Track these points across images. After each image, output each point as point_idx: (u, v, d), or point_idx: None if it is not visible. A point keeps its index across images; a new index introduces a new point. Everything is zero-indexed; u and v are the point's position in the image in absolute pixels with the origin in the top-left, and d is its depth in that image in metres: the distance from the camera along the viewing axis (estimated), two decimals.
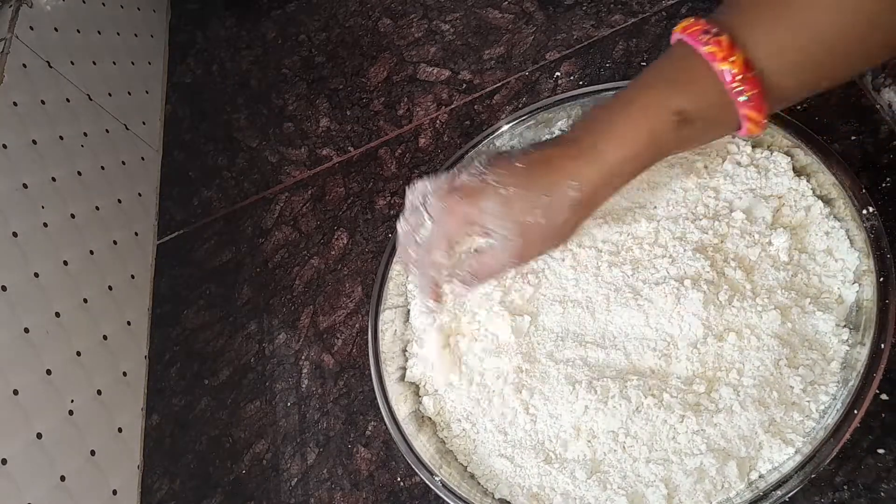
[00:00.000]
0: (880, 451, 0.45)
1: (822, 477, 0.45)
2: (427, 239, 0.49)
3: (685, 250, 0.53)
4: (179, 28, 0.98)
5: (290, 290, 0.71)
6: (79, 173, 0.72)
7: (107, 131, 0.79)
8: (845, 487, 0.45)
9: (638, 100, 0.44)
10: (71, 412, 0.60)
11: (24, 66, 0.69)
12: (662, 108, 0.42)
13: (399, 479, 0.58)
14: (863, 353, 0.46)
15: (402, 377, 0.59)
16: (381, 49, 0.82)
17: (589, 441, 0.49)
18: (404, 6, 0.83)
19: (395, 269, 0.62)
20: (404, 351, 0.61)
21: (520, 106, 0.70)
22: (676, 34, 0.43)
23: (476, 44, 0.77)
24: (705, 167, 0.57)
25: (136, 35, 0.90)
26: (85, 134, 0.75)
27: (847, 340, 0.48)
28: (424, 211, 0.50)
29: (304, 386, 0.65)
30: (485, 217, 0.45)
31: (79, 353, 0.63)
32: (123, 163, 0.79)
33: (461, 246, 0.50)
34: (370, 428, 0.61)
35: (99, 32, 0.83)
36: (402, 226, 0.52)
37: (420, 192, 0.50)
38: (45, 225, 0.65)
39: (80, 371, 0.63)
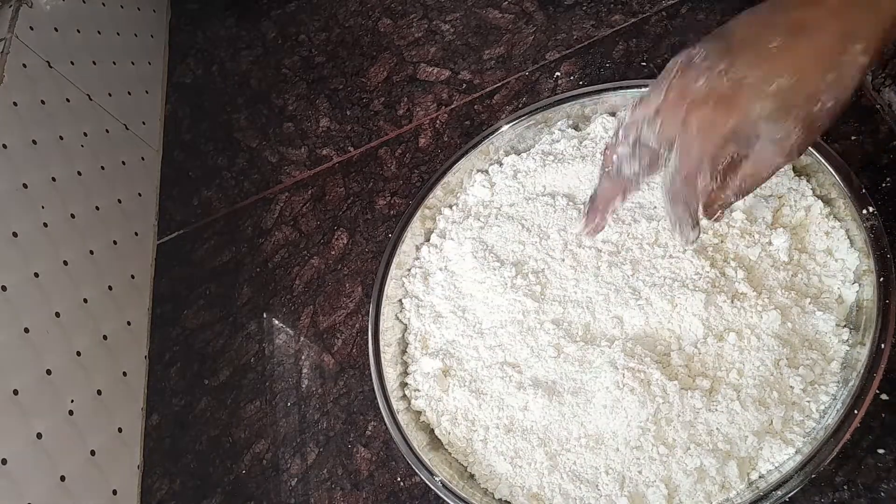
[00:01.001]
0: (880, 451, 0.45)
1: (822, 477, 0.45)
2: (676, 168, 0.40)
3: (685, 250, 0.53)
4: (179, 28, 0.98)
5: (290, 290, 0.71)
6: (79, 173, 0.72)
7: (107, 131, 0.79)
8: (845, 487, 0.45)
9: None
10: (71, 412, 0.60)
11: (24, 66, 0.69)
12: None
13: (399, 479, 0.58)
14: (863, 353, 0.46)
15: (403, 378, 0.59)
16: (381, 49, 0.82)
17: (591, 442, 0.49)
18: (404, 6, 0.83)
19: (395, 269, 0.62)
20: (403, 353, 0.61)
21: (520, 106, 0.70)
22: None
23: (476, 44, 0.77)
24: None
25: (136, 35, 0.90)
26: (85, 134, 0.75)
27: (847, 340, 0.48)
28: (650, 140, 0.40)
29: (304, 386, 0.65)
30: (758, 124, 0.36)
31: (79, 353, 0.63)
32: (123, 163, 0.79)
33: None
34: (370, 428, 0.61)
35: (99, 32, 0.83)
36: (624, 166, 0.42)
37: (638, 117, 0.40)
38: (45, 225, 0.65)
39: (79, 371, 0.63)
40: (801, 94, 0.36)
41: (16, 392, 0.55)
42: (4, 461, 0.52)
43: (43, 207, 0.65)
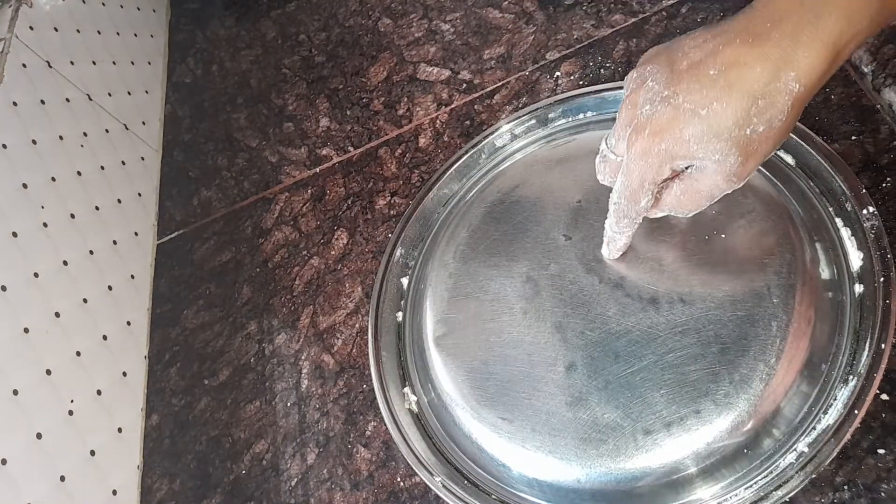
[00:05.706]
0: (881, 451, 0.45)
1: (822, 477, 0.45)
2: (620, 190, 0.44)
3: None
4: (179, 28, 0.98)
5: (290, 290, 0.71)
6: (79, 173, 0.72)
7: (107, 131, 0.79)
8: (846, 488, 0.45)
9: None
10: (71, 412, 0.60)
11: (24, 65, 0.69)
12: None
13: (399, 479, 0.58)
14: (863, 354, 0.46)
15: (403, 378, 0.59)
16: (381, 49, 0.82)
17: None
18: (404, 6, 0.83)
19: (395, 269, 0.62)
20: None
21: (520, 106, 0.70)
22: None
23: (476, 44, 0.77)
24: None
25: (135, 35, 0.90)
26: (85, 134, 0.75)
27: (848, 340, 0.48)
28: (607, 162, 0.45)
29: (303, 386, 0.65)
30: (690, 146, 0.38)
31: (79, 353, 0.63)
32: (123, 163, 0.79)
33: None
34: (370, 428, 0.61)
35: (99, 32, 0.83)
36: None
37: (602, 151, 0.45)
38: (45, 225, 0.65)
39: (80, 371, 0.63)
40: (732, 118, 0.37)
41: (16, 392, 0.55)
42: (4, 461, 0.52)
43: (43, 207, 0.65)
